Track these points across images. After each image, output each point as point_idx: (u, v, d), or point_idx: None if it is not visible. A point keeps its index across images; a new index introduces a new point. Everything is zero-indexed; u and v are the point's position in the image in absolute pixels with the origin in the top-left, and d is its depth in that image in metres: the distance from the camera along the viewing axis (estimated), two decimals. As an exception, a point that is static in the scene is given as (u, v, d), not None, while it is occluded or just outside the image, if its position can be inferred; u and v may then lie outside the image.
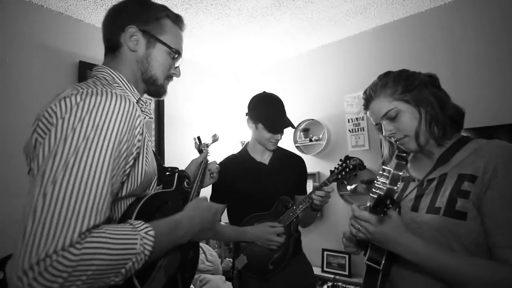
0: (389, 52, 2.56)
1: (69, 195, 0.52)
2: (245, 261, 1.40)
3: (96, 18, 2.29)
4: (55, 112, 0.60)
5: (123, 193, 0.70)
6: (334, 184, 2.70)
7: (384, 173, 0.81)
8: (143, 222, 0.63)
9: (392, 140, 0.95)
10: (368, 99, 0.97)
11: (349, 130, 2.72)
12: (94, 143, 0.57)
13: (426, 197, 0.87)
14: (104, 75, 0.78)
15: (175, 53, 0.85)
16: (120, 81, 0.79)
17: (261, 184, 1.48)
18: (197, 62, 3.19)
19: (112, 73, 0.79)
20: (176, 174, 0.95)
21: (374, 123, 0.98)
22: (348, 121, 2.73)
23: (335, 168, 1.41)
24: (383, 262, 0.85)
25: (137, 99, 0.82)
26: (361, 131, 2.65)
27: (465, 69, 2.20)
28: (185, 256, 0.84)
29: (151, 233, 0.61)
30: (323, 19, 2.48)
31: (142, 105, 0.85)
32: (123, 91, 0.78)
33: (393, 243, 0.79)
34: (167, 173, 0.95)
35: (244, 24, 2.48)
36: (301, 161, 1.63)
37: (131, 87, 0.81)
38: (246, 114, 1.54)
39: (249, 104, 1.54)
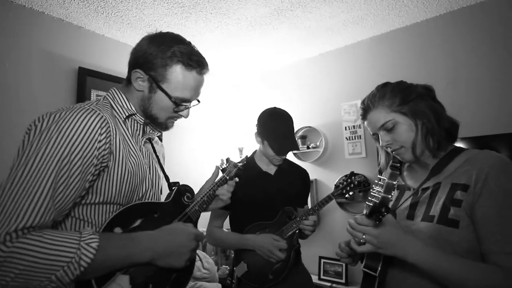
0: (386, 61, 2.60)
1: (7, 199, 0.58)
2: (245, 269, 1.40)
3: (96, 25, 2.32)
4: (30, 127, 0.69)
5: (94, 200, 0.74)
6: (331, 189, 2.70)
7: (380, 182, 0.83)
8: (91, 233, 0.65)
9: (389, 150, 0.97)
10: (366, 110, 0.99)
11: (346, 138, 2.74)
12: (44, 155, 0.63)
13: (421, 205, 0.89)
14: (107, 93, 0.88)
15: (175, 101, 0.86)
16: (118, 99, 0.86)
17: (265, 193, 1.48)
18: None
19: (116, 91, 0.88)
20: (176, 187, 0.96)
21: (371, 133, 1.00)
22: (345, 129, 2.75)
23: (339, 183, 1.45)
24: (379, 268, 0.87)
25: (128, 114, 0.86)
26: (358, 139, 2.68)
27: (462, 79, 2.24)
28: (167, 271, 0.81)
29: (94, 245, 0.63)
30: (320, 29, 2.52)
31: (137, 121, 0.89)
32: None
33: (396, 246, 0.79)
34: (172, 188, 0.97)
35: (243, 32, 2.51)
36: (305, 175, 1.65)
37: (126, 103, 0.86)
38: (256, 125, 1.55)
39: (258, 119, 1.54)
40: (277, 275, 1.38)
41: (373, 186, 0.83)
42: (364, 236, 0.82)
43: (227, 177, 1.13)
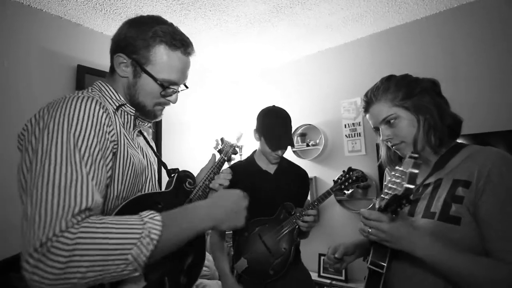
0: (385, 58, 2.59)
1: (48, 193, 0.55)
2: (245, 265, 1.41)
3: (94, 22, 2.31)
4: (25, 127, 0.68)
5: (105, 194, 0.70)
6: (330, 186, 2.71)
7: (396, 174, 0.80)
8: (149, 210, 0.64)
9: (389, 144, 0.96)
10: (369, 103, 0.97)
11: (346, 135, 2.74)
12: (62, 143, 0.61)
13: (422, 202, 0.89)
14: (93, 86, 0.83)
15: (162, 84, 0.81)
16: (105, 90, 0.82)
17: (265, 192, 1.49)
18: (196, 67, 3.21)
19: (101, 84, 0.83)
20: (176, 175, 0.93)
21: (372, 126, 0.99)
22: (345, 126, 2.75)
23: (338, 178, 1.46)
24: (385, 265, 0.86)
25: (118, 104, 0.81)
26: (357, 136, 2.68)
27: (462, 76, 2.24)
28: (181, 260, 0.82)
29: (158, 217, 0.61)
30: (320, 26, 2.51)
31: (127, 112, 0.84)
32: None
33: (405, 240, 0.79)
34: (171, 175, 0.94)
35: (242, 30, 2.51)
36: (305, 175, 1.66)
37: (115, 94, 0.82)
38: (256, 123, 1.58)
39: (257, 116, 1.57)
40: (278, 270, 1.38)
41: (389, 178, 0.81)
42: (370, 230, 0.82)
43: (225, 158, 1.11)
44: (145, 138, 0.99)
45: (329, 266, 1.06)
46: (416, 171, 0.75)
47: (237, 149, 1.15)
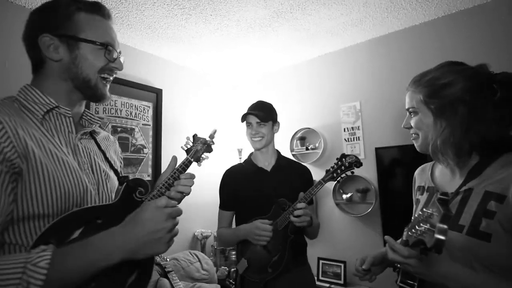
0: (384, 63, 2.61)
1: None
2: (245, 265, 1.42)
3: (96, 25, 2.32)
4: None
5: (19, 214, 0.64)
6: (330, 190, 2.71)
7: (429, 211, 0.70)
8: (41, 250, 0.58)
9: (410, 132, 0.97)
10: (410, 85, 0.96)
11: (345, 139, 2.75)
12: None
13: None
14: (18, 94, 0.76)
15: (104, 46, 0.76)
16: (30, 95, 0.74)
17: (262, 189, 1.51)
18: (196, 71, 3.23)
19: (26, 88, 0.75)
20: (124, 184, 0.81)
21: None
22: (344, 130, 2.76)
23: (331, 167, 1.41)
24: (416, 284, 0.83)
25: (46, 110, 0.74)
26: (356, 140, 2.69)
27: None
28: (121, 279, 0.72)
29: (42, 263, 0.55)
30: (320, 31, 2.53)
31: (62, 114, 0.77)
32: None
33: (435, 276, 0.75)
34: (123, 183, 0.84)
35: (243, 34, 2.53)
36: (305, 170, 1.66)
37: (42, 97, 0.74)
38: None
39: None
40: (275, 268, 1.39)
41: (418, 218, 0.73)
42: (400, 265, 0.79)
43: (192, 159, 0.95)
44: (97, 143, 0.89)
45: (360, 279, 1.03)
46: (445, 226, 0.65)
47: (212, 146, 0.99)
